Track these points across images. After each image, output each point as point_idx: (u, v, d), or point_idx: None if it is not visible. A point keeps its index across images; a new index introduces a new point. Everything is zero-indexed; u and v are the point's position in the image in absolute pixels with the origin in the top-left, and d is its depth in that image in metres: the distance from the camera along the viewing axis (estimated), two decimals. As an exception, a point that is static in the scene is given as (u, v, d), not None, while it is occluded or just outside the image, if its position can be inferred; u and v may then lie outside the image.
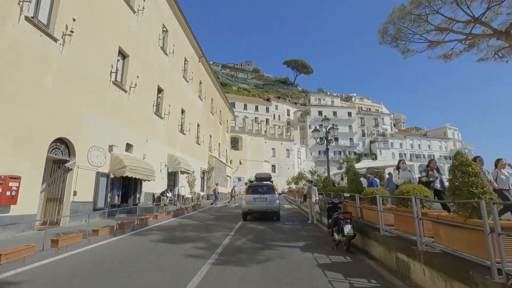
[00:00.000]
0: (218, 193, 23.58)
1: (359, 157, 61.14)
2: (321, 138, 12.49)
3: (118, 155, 11.92)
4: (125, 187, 13.56)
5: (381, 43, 15.94)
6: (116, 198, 12.14)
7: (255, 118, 63.71)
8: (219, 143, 32.80)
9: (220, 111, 33.69)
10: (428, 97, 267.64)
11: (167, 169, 17.49)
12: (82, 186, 10.02)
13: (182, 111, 20.72)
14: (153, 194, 15.63)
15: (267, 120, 69.43)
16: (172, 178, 19.04)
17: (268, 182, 12.03)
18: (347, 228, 5.19)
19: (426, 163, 5.54)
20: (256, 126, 59.22)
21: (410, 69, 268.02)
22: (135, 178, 12.79)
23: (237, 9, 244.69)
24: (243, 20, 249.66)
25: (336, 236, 5.61)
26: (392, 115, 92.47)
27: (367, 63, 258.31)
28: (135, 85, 13.41)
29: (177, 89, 19.46)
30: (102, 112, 11.28)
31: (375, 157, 65.09)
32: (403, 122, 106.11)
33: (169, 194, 16.25)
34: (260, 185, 11.56)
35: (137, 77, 13.59)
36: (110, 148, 11.75)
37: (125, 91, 12.87)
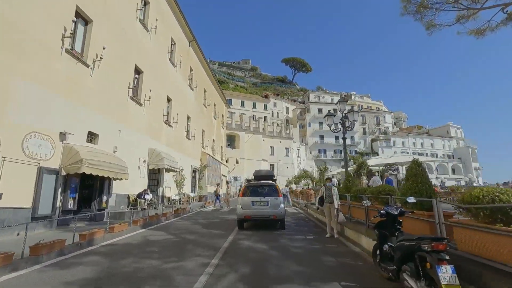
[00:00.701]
0: (220, 194, 19.92)
1: (361, 156, 58.74)
2: (344, 124, 9.70)
3: (73, 146, 9.08)
4: (88, 187, 10.73)
5: (403, 14, 13.15)
6: (71, 201, 9.29)
7: (253, 115, 60.91)
8: (213, 139, 29.99)
9: (215, 105, 30.87)
10: (428, 96, 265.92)
11: (148, 165, 14.66)
12: (12, 186, 7.19)
13: (168, 100, 17.89)
14: (128, 196, 12.80)
15: (265, 117, 66.58)
16: (155, 176, 16.20)
17: (270, 182, 9.60)
18: (447, 273, 2.45)
19: None
20: (253, 124, 56.45)
21: (409, 68, 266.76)
22: (102, 176, 9.97)
23: (234, 6, 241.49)
24: (241, 18, 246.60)
25: (411, 284, 2.85)
26: (392, 113, 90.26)
27: (366, 61, 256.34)
28: (101, 58, 10.56)
29: (162, 73, 16.63)
30: (50, 87, 8.44)
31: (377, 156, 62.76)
32: (403, 121, 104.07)
33: (149, 196, 13.44)
34: (260, 185, 9.19)
35: (104, 48, 10.74)
36: (63, 136, 8.91)
37: (87, 64, 10.03)
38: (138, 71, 14.00)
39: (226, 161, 46.39)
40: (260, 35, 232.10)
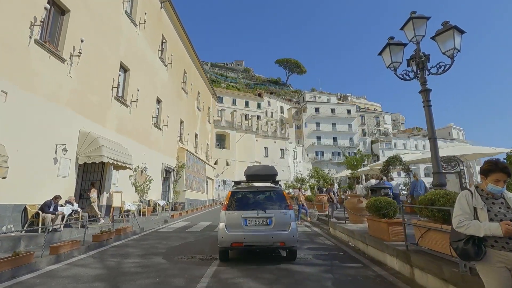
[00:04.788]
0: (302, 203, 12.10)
1: (362, 158, 54.26)
2: (424, 62, 4.69)
3: None
4: None
5: None
6: None
7: (245, 115, 55.78)
8: (196, 134, 24.68)
9: (199, 93, 25.64)
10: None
11: (77, 158, 9.32)
12: None
13: (124, 68, 12.65)
14: (25, 208, 7.41)
15: (258, 117, 61.41)
16: (96, 176, 10.87)
17: (273, 185, 6.08)
18: None
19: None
20: (246, 122, 51.39)
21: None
22: None
23: (228, 7, 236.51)
24: (234, 19, 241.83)
25: None
26: (391, 115, 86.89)
27: (362, 63, 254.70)
28: None
29: (109, 21, 11.38)
30: None
31: (377, 159, 58.63)
32: (401, 123, 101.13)
33: (67, 208, 8.11)
34: (257, 190, 5.70)
35: None
36: None
37: None
38: (57, 6, 8.76)
39: (215, 163, 41.11)
40: (254, 37, 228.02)
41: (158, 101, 16.53)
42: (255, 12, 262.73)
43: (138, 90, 13.30)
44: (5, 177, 6.10)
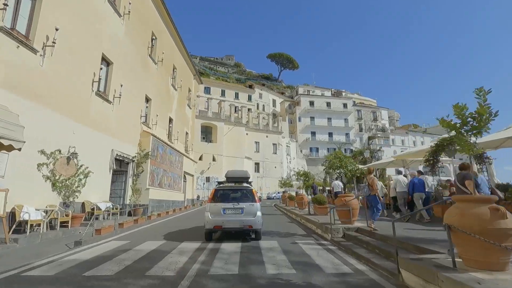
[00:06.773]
0: None
1: (361, 154, 50.59)
2: None
3: None
4: None
5: None
6: None
7: (235, 107, 50.91)
8: (171, 118, 19.77)
9: (175, 69, 20.72)
10: (420, 95, 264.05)
11: None
12: None
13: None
14: None
15: (249, 109, 56.62)
16: None
17: (246, 185, 7.77)
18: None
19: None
20: (235, 114, 46.66)
21: (400, 68, 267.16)
22: None
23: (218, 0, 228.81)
24: (225, 12, 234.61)
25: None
26: (388, 111, 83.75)
27: (356, 60, 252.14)
28: None
29: None
30: None
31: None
32: (396, 120, 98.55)
33: None
34: (233, 188, 7.65)
35: None
36: None
37: None
38: None
39: (200, 158, 36.31)
40: (246, 31, 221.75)
41: (107, 61, 11.68)
42: (247, 5, 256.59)
43: (56, 30, 8.40)
44: None
